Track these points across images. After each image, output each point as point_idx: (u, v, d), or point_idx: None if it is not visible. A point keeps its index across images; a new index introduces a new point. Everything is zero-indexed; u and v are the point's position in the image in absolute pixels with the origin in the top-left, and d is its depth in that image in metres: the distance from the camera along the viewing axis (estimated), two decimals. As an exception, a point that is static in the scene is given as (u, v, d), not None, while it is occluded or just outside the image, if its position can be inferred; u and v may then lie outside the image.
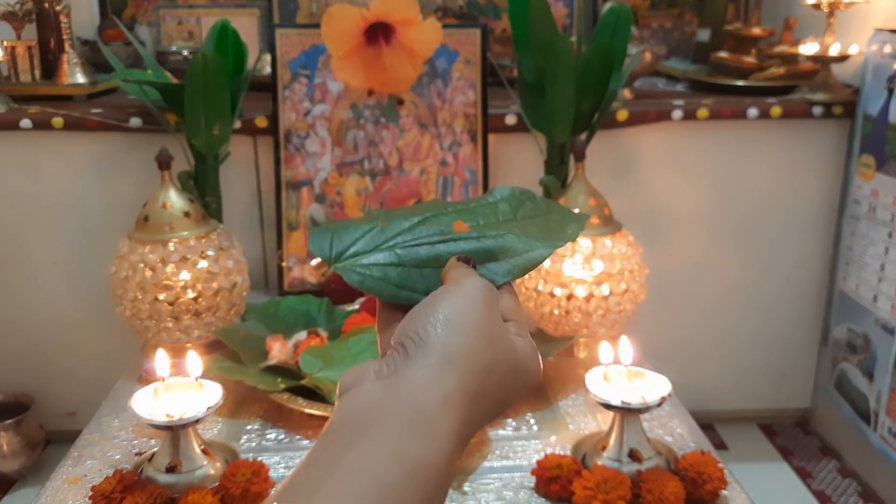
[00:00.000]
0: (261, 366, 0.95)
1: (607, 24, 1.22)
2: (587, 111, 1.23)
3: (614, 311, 1.03)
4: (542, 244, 0.54)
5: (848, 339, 1.42)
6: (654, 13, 1.85)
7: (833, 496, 1.42)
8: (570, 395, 0.98)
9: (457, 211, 0.56)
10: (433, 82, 1.32)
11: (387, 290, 0.50)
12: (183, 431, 0.77)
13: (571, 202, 1.04)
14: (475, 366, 0.41)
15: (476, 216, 0.55)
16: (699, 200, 1.47)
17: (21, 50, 1.41)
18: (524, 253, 0.53)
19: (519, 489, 0.79)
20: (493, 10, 1.76)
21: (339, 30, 1.12)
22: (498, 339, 0.44)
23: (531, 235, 0.55)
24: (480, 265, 0.51)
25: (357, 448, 0.37)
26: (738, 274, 1.51)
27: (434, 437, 0.38)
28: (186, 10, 1.65)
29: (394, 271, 0.51)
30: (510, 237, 0.54)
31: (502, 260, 0.52)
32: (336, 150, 1.32)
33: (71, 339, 1.46)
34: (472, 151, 1.33)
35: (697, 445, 0.87)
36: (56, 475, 0.83)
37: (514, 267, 0.52)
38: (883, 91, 1.31)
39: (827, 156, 1.46)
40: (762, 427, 1.64)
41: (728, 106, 1.40)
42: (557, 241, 0.55)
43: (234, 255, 1.06)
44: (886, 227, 1.31)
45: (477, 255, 0.52)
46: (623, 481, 0.74)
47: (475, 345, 0.42)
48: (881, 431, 1.32)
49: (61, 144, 1.35)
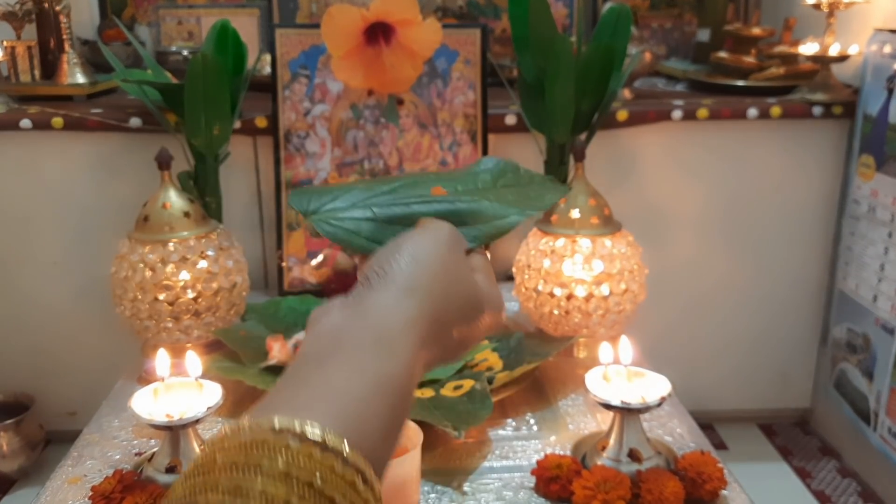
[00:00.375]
0: (260, 366, 0.95)
1: (607, 25, 1.22)
2: (587, 111, 1.23)
3: (614, 311, 1.03)
4: (516, 211, 0.55)
5: (848, 339, 1.42)
6: (653, 13, 1.85)
7: (833, 496, 1.42)
8: (570, 395, 0.98)
9: (438, 178, 0.58)
10: (433, 82, 1.32)
11: (356, 242, 0.52)
12: (183, 431, 0.77)
13: (571, 202, 1.04)
14: (436, 294, 0.44)
15: (456, 182, 0.57)
16: (699, 200, 1.47)
17: (21, 50, 1.41)
18: (495, 220, 0.55)
19: (519, 489, 0.79)
20: (492, 10, 1.76)
21: (339, 30, 1.12)
22: (458, 273, 0.47)
23: (506, 203, 0.56)
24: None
25: (324, 368, 0.39)
26: (738, 274, 1.51)
27: (397, 355, 0.41)
28: (186, 10, 1.65)
29: (367, 225, 0.53)
30: (484, 203, 0.55)
31: (472, 225, 0.54)
32: (336, 150, 1.32)
33: (71, 339, 1.46)
34: (472, 151, 1.33)
35: (697, 445, 0.87)
36: (56, 475, 0.83)
37: (481, 233, 0.54)
38: (883, 91, 1.31)
39: (827, 156, 1.46)
40: (762, 427, 1.64)
41: (728, 106, 1.40)
42: (530, 210, 0.56)
43: (233, 255, 1.06)
44: (886, 227, 1.31)
45: (449, 216, 0.53)
46: (623, 481, 0.74)
47: (436, 275, 0.45)
48: (881, 431, 1.32)
49: (61, 144, 1.35)
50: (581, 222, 1.03)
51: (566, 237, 1.03)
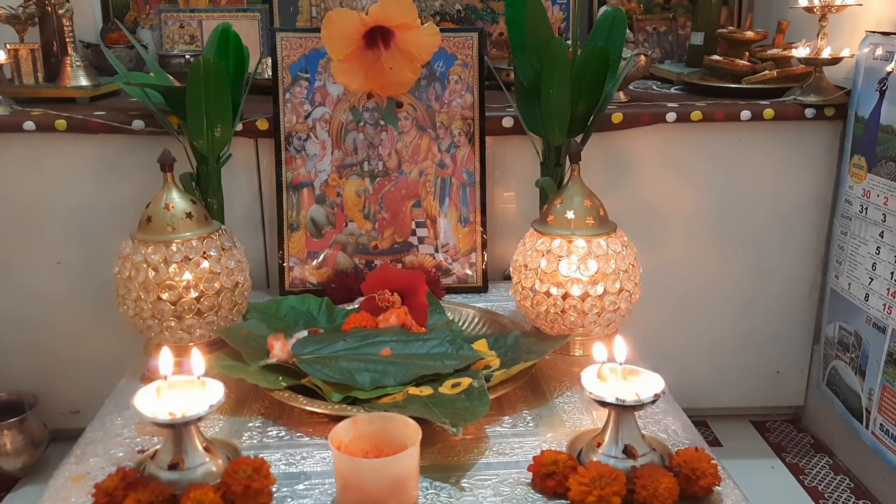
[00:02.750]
0: (262, 364, 0.96)
1: (602, 28, 1.24)
2: (583, 113, 1.24)
3: (609, 310, 1.04)
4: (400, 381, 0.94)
5: (840, 338, 1.44)
6: (648, 17, 1.86)
7: (825, 492, 1.43)
8: (566, 393, 0.99)
9: (398, 341, 1.00)
10: (431, 85, 1.33)
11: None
12: (185, 429, 0.78)
13: (567, 203, 1.06)
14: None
15: (405, 349, 1.00)
16: (693, 201, 1.48)
17: (24, 53, 1.42)
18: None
19: (516, 485, 0.80)
20: (490, 14, 1.78)
21: (339, 34, 1.13)
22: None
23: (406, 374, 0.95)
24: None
25: None
26: (732, 273, 1.53)
27: None
28: (188, 13, 1.66)
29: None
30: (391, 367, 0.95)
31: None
32: (336, 151, 1.34)
33: (74, 339, 1.47)
34: (470, 153, 1.35)
35: (691, 442, 0.88)
36: (59, 473, 0.84)
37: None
38: (874, 93, 1.33)
39: (819, 157, 1.47)
40: (755, 424, 1.66)
41: (721, 108, 1.42)
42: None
43: (235, 255, 1.07)
44: (878, 226, 1.32)
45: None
46: (618, 477, 0.75)
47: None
48: (873, 428, 1.34)
49: (64, 146, 1.36)
50: (577, 223, 1.05)
51: (562, 237, 1.04)
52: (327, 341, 1.00)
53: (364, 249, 1.36)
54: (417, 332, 1.05)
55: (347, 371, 0.94)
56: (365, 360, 0.97)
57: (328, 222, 1.35)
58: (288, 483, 0.81)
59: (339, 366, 0.95)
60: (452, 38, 1.33)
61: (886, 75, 1.30)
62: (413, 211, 1.36)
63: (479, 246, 1.35)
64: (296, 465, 0.85)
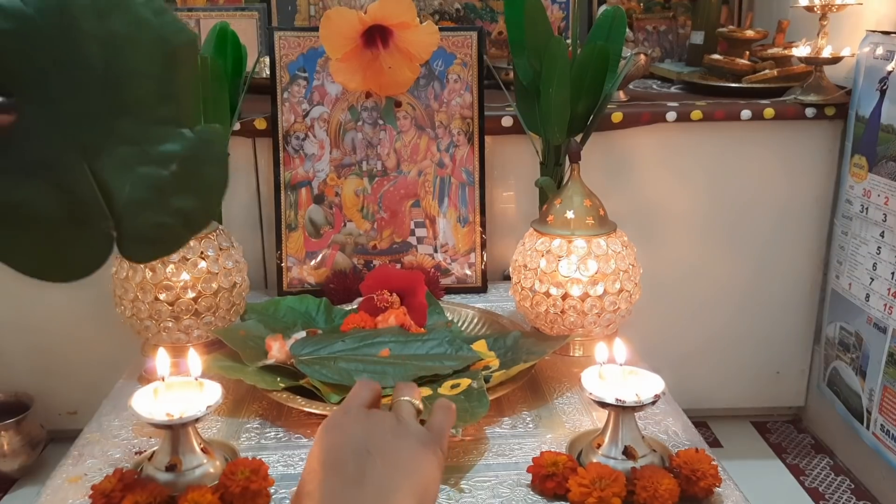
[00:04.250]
0: (260, 365, 0.96)
1: (602, 27, 1.23)
2: (582, 113, 1.24)
3: (609, 310, 1.04)
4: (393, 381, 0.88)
5: (840, 338, 1.44)
6: (648, 16, 1.86)
7: (826, 493, 1.43)
8: (566, 394, 0.99)
9: (397, 342, 1.00)
10: (430, 85, 1.33)
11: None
12: (183, 430, 0.78)
13: (567, 203, 1.05)
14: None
15: (404, 350, 0.99)
16: (693, 201, 1.48)
17: (21, 52, 1.41)
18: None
19: (515, 486, 0.80)
20: (489, 13, 1.77)
21: (337, 33, 1.13)
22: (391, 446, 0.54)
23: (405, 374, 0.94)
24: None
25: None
26: (732, 273, 1.52)
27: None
28: (186, 12, 1.66)
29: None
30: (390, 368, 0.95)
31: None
32: (334, 151, 1.33)
33: (71, 339, 1.46)
34: (469, 153, 1.34)
35: (691, 443, 0.88)
36: (56, 474, 0.83)
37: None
38: (875, 92, 1.32)
39: (819, 157, 1.47)
40: (756, 425, 1.66)
41: (721, 108, 1.42)
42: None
43: (233, 255, 1.07)
44: (878, 226, 1.32)
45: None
46: (618, 478, 0.75)
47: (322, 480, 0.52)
48: (873, 429, 1.33)
49: (61, 146, 1.35)
50: (576, 223, 1.04)
51: (562, 237, 1.04)
52: (326, 342, 0.99)
53: (363, 249, 1.35)
54: (416, 333, 1.04)
55: (346, 372, 0.93)
56: (364, 360, 0.96)
57: (326, 222, 1.34)
58: (286, 484, 0.81)
59: (337, 367, 0.94)
60: (451, 37, 1.33)
61: (887, 75, 1.30)
62: (412, 211, 1.35)
63: (478, 246, 1.34)
64: (294, 466, 0.84)
